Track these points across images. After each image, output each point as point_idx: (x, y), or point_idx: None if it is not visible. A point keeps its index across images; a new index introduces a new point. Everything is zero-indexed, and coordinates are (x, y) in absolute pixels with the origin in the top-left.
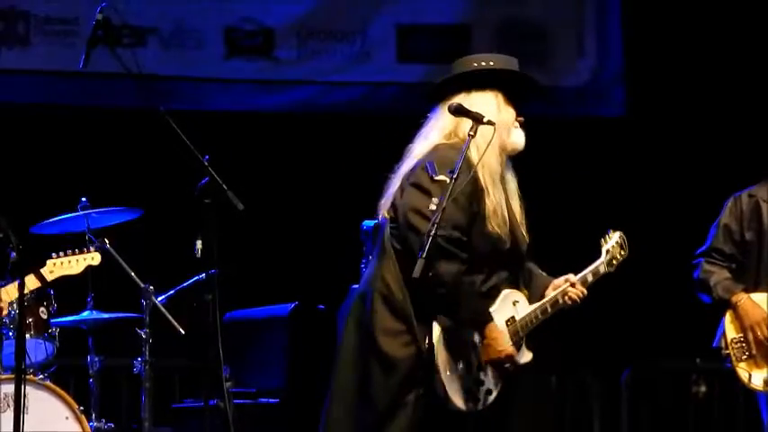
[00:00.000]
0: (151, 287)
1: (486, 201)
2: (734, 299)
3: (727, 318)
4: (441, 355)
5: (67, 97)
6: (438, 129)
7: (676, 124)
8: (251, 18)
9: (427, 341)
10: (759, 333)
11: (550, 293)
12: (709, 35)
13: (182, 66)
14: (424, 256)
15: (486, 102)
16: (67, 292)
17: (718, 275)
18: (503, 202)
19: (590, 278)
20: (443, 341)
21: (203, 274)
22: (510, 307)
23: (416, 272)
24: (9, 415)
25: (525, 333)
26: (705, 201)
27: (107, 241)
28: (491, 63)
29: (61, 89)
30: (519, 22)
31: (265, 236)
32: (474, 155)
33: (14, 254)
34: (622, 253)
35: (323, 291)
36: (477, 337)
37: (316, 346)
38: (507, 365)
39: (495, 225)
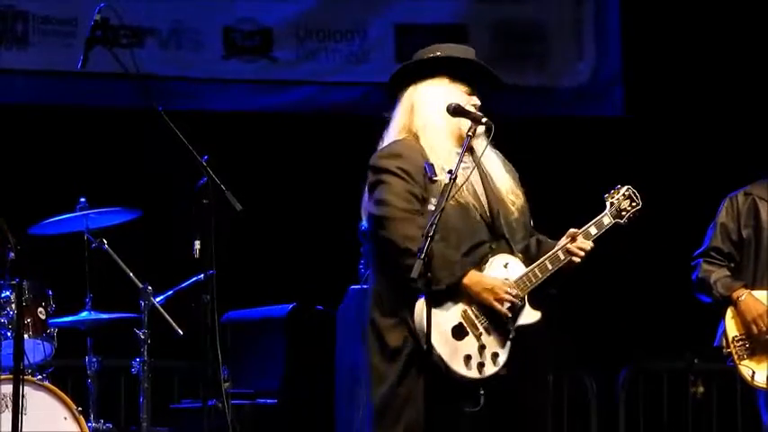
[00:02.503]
0: (149, 287)
1: (441, 179)
2: (735, 294)
3: (728, 315)
4: (429, 329)
5: (66, 97)
6: (393, 127)
7: (675, 124)
8: (249, 18)
9: (412, 322)
10: (762, 326)
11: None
12: (708, 35)
13: (180, 66)
14: (422, 257)
15: (433, 90)
16: (66, 292)
17: (718, 273)
18: (471, 177)
19: (593, 230)
20: (427, 316)
21: (202, 275)
22: (501, 269)
23: (414, 272)
24: (7, 415)
25: (525, 292)
26: (703, 200)
27: (105, 241)
28: (437, 53)
29: (60, 89)
30: (517, 23)
31: (264, 236)
32: (425, 146)
33: (12, 254)
34: (633, 204)
35: (321, 291)
36: (460, 304)
37: (314, 346)
38: (509, 300)
39: (461, 197)
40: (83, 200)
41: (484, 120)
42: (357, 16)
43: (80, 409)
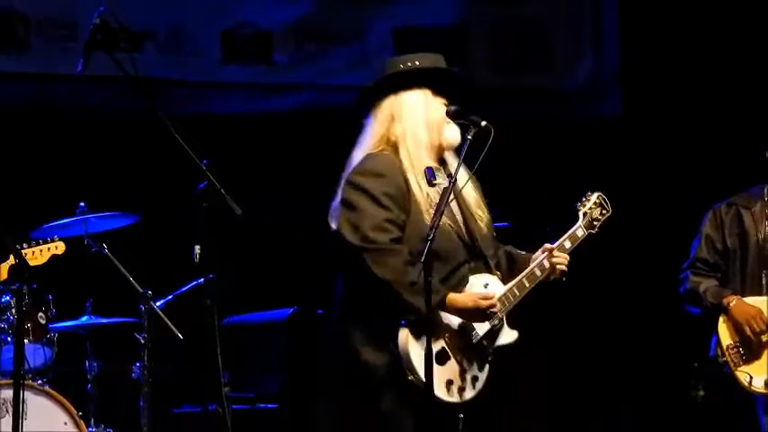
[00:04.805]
0: (150, 292)
1: (418, 198)
2: (725, 301)
3: (720, 322)
4: (414, 354)
5: (66, 101)
6: (370, 136)
7: (673, 124)
8: (248, 22)
9: (397, 345)
10: (756, 326)
11: (527, 268)
12: (706, 35)
13: (178, 70)
14: (422, 260)
15: (415, 101)
16: (66, 297)
17: (706, 283)
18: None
19: (568, 244)
20: (413, 340)
21: (202, 279)
22: (481, 290)
23: (415, 276)
24: (8, 420)
25: (505, 312)
26: (702, 200)
27: (105, 246)
28: (417, 63)
29: (60, 93)
30: (516, 24)
31: (264, 240)
32: (404, 157)
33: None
34: (604, 212)
35: (322, 295)
36: (441, 329)
37: (314, 351)
38: (489, 311)
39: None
40: (83, 204)
41: (483, 123)
42: (356, 20)
43: (80, 413)
